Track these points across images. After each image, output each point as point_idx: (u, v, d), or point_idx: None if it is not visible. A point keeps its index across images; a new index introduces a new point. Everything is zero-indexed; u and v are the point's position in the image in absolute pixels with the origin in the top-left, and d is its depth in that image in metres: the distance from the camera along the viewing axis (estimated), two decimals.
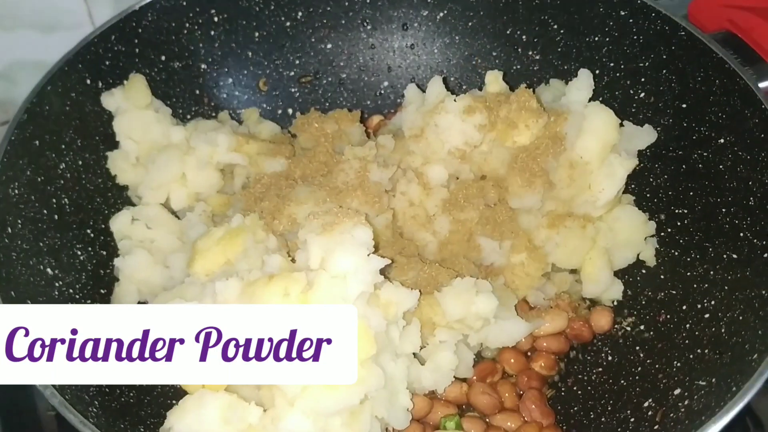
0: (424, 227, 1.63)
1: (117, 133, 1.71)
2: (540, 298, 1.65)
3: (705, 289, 1.52)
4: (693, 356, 1.43)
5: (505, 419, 1.51)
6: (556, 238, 1.61)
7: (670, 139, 1.69)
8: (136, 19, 1.77)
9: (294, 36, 1.97)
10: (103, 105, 1.71)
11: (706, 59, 1.62)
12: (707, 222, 1.59)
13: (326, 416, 1.27)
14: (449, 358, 1.46)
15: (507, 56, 1.96)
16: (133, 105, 1.70)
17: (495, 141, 1.62)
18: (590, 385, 1.57)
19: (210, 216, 1.67)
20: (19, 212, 1.49)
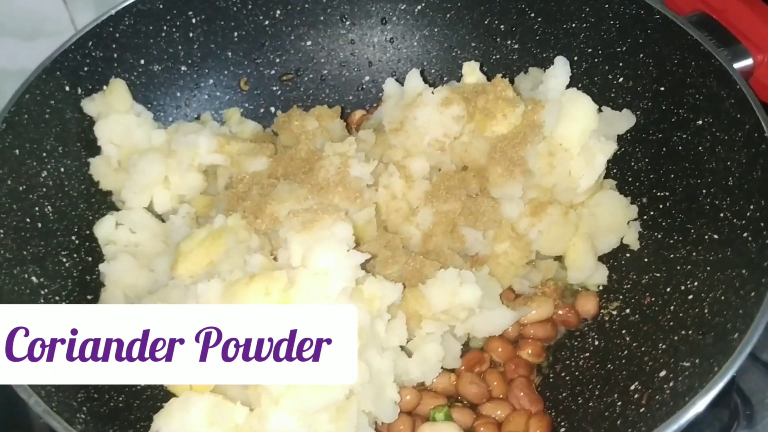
0: (408, 220, 1.64)
1: (98, 138, 1.71)
2: (525, 286, 1.65)
3: (688, 270, 1.52)
4: (678, 338, 1.44)
5: (494, 408, 1.51)
6: (539, 226, 1.61)
7: (650, 123, 1.70)
8: (113, 24, 1.77)
9: (273, 34, 1.97)
10: (84, 110, 1.72)
11: (681, 41, 1.62)
12: (689, 204, 1.59)
13: (312, 413, 1.28)
14: (436, 349, 1.47)
15: (486, 46, 1.96)
16: (114, 109, 1.70)
17: (474, 132, 1.62)
18: (578, 371, 1.57)
19: (194, 218, 1.67)
20: (1, 222, 1.49)
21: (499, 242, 1.60)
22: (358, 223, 1.53)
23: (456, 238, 1.62)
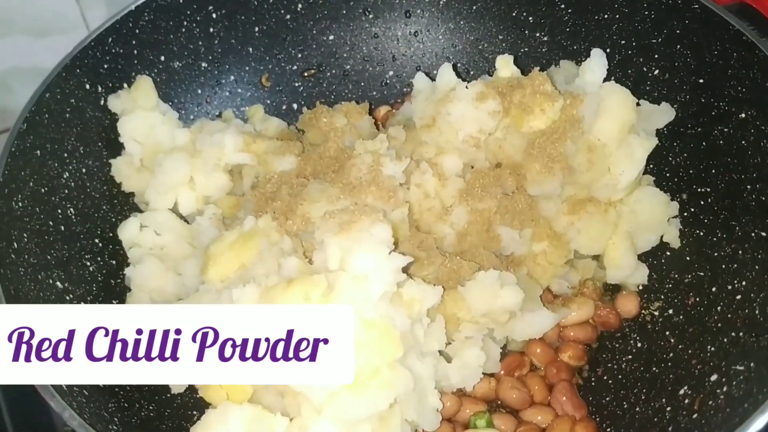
0: (441, 219, 1.59)
1: (121, 135, 1.67)
2: (564, 287, 1.60)
3: (734, 269, 1.47)
4: (727, 340, 1.39)
5: (536, 413, 1.47)
6: (577, 224, 1.56)
7: (688, 116, 1.65)
8: (133, 20, 1.72)
9: (295, 29, 1.92)
10: (109, 107, 1.68)
11: (722, 32, 1.57)
12: (732, 200, 1.54)
13: (355, 423, 1.23)
14: (477, 353, 1.42)
15: (514, 39, 1.91)
16: (139, 107, 1.67)
17: (509, 127, 1.57)
18: (621, 374, 1.53)
19: (221, 219, 1.62)
20: (24, 225, 1.45)
21: (537, 241, 1.55)
22: (393, 223, 1.48)
23: (491, 237, 1.57)
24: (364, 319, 1.24)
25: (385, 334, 1.24)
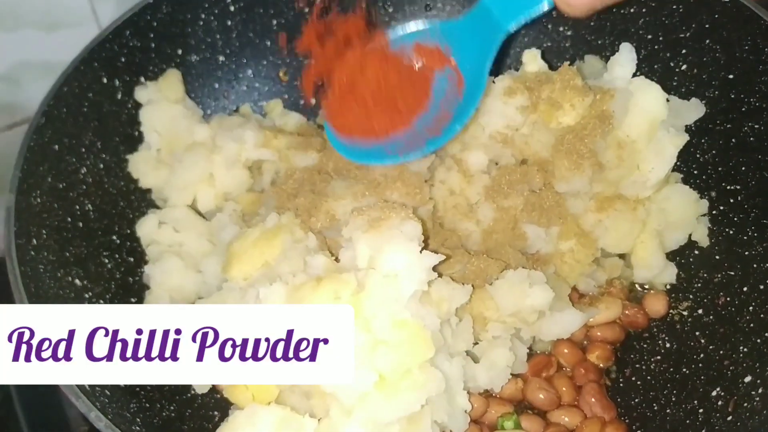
0: (467, 216, 1.56)
1: (142, 123, 1.66)
2: (591, 286, 1.58)
3: (766, 268, 1.44)
4: (761, 340, 1.37)
5: (564, 415, 1.45)
6: (605, 222, 1.54)
7: (717, 113, 1.61)
8: (151, 13, 1.69)
9: None
10: (135, 97, 1.67)
11: (753, 26, 1.53)
12: (763, 197, 1.51)
13: (385, 425, 1.20)
14: (505, 354, 1.40)
15: (537, 33, 1.87)
16: (165, 98, 1.66)
17: (536, 123, 1.54)
18: (650, 375, 1.51)
19: (240, 216, 1.59)
20: (42, 222, 1.43)
21: (565, 239, 1.52)
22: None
23: (517, 235, 1.54)
24: (395, 319, 1.21)
25: (416, 335, 1.21)
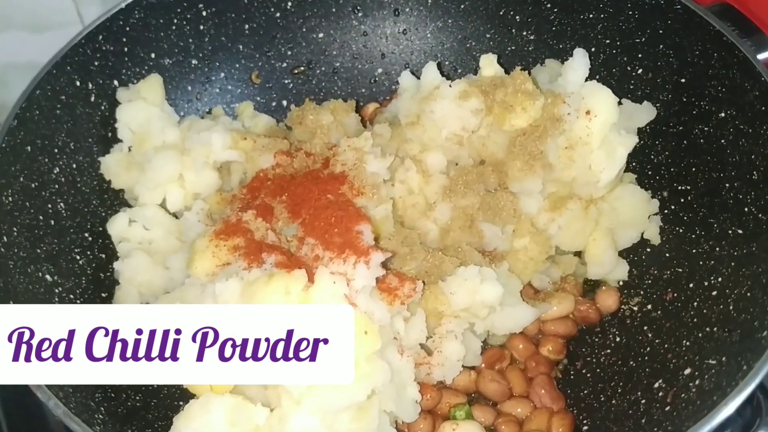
0: (425, 215, 1.62)
1: (118, 120, 1.70)
2: (545, 282, 1.63)
3: (711, 266, 1.50)
4: (702, 335, 1.42)
5: (515, 405, 1.50)
6: (558, 221, 1.59)
7: (670, 115, 1.67)
8: (123, 18, 1.73)
9: (285, 27, 1.93)
10: (117, 98, 1.72)
11: (703, 32, 1.59)
12: (711, 198, 1.57)
13: (334, 413, 1.26)
14: (457, 347, 1.45)
15: (501, 38, 1.93)
16: (145, 101, 1.70)
17: (492, 125, 1.60)
18: (599, 368, 1.56)
19: (208, 214, 1.64)
20: (14, 220, 1.47)
21: (519, 237, 1.58)
22: (375, 219, 1.50)
23: (474, 233, 1.60)
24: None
25: (363, 327, 1.26)
